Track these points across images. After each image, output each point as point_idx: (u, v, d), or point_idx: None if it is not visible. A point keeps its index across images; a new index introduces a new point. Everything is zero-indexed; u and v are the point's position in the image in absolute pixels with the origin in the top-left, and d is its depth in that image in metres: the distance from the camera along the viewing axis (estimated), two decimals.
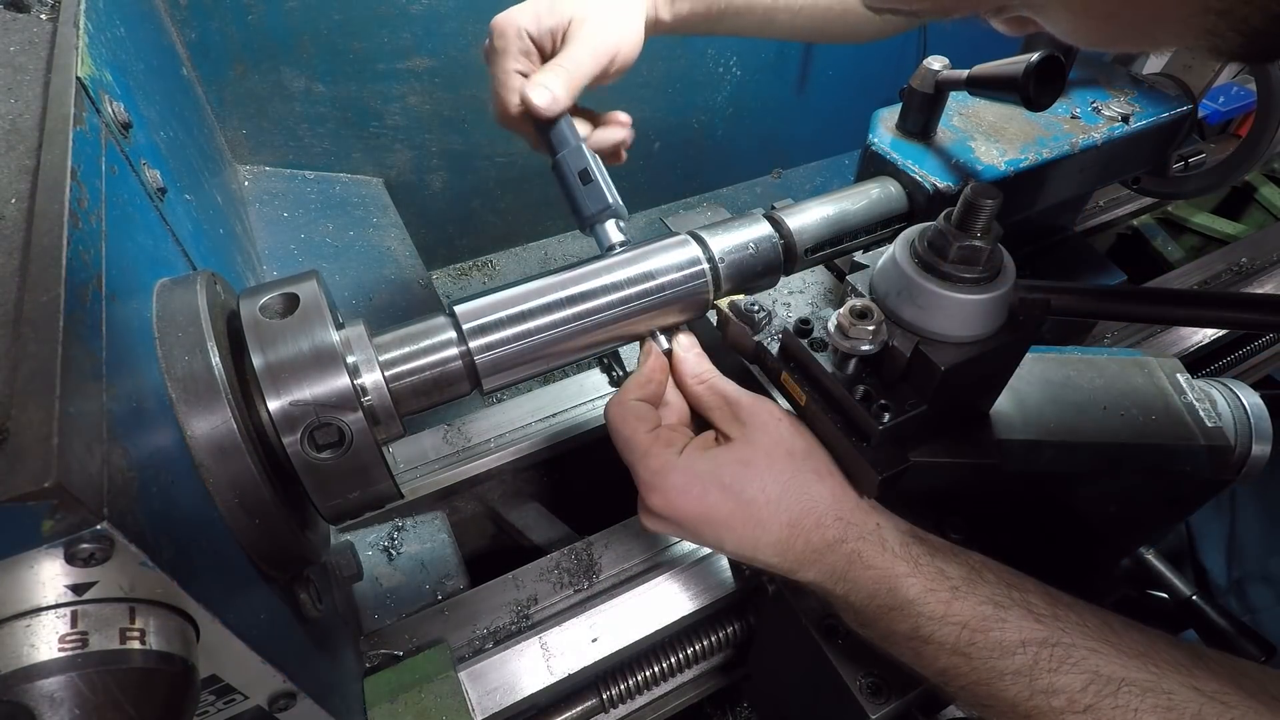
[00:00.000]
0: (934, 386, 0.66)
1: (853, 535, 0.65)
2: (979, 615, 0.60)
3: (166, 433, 0.47)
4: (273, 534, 0.55)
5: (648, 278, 0.70)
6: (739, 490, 0.66)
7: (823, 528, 0.66)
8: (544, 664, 0.85)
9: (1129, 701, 0.53)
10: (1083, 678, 0.55)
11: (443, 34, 1.43)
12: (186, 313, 0.53)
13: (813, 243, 0.78)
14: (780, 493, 0.66)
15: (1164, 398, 0.85)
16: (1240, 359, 1.46)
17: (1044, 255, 1.28)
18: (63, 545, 0.35)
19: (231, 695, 0.54)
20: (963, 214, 0.62)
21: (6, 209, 0.44)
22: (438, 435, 1.08)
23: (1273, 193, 1.91)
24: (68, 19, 0.59)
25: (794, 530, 0.66)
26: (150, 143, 0.70)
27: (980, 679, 0.59)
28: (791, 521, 0.66)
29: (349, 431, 0.55)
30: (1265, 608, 1.16)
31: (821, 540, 0.66)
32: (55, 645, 0.39)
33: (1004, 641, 0.58)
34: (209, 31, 1.26)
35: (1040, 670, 0.56)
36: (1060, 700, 0.55)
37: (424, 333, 0.64)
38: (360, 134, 1.51)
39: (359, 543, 0.99)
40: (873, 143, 0.91)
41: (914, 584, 0.62)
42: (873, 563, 0.64)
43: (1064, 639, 0.57)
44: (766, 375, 0.79)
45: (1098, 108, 0.99)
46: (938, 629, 0.60)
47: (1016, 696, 0.57)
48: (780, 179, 2.06)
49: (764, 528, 0.66)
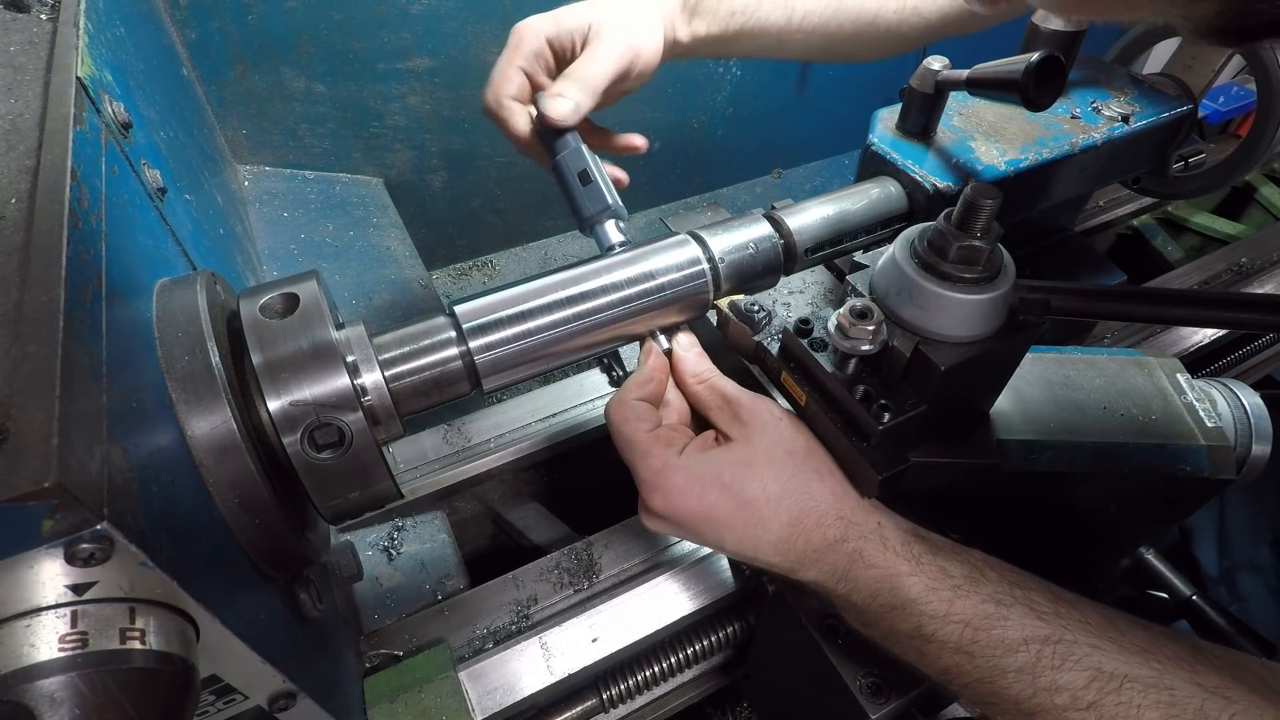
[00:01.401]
0: (934, 386, 0.66)
1: (854, 534, 0.65)
2: (981, 613, 0.60)
3: (166, 432, 0.47)
4: (273, 534, 0.55)
5: (648, 278, 0.70)
6: (739, 490, 0.66)
7: (824, 527, 0.66)
8: (544, 664, 0.85)
9: (1132, 698, 0.53)
10: (1085, 675, 0.55)
11: (443, 34, 1.43)
12: (186, 313, 0.53)
13: (813, 243, 0.78)
14: (781, 492, 0.66)
15: (1164, 398, 0.85)
16: (1240, 359, 1.46)
17: (1044, 255, 1.27)
18: (63, 545, 0.35)
19: (231, 695, 0.54)
20: (963, 214, 0.62)
21: (6, 209, 0.44)
22: (438, 435, 1.08)
23: (1273, 193, 1.91)
24: (68, 19, 0.59)
25: (795, 529, 0.66)
26: (150, 143, 0.70)
27: (983, 677, 0.59)
28: (792, 521, 0.66)
29: (349, 431, 0.55)
30: (1254, 596, 1.18)
31: (823, 539, 0.66)
32: (55, 645, 0.39)
33: (1006, 639, 0.58)
34: (209, 31, 1.26)
35: (1043, 668, 0.56)
36: (1063, 698, 0.55)
37: (424, 333, 0.64)
38: (360, 134, 1.51)
39: (359, 543, 0.99)
40: (873, 143, 0.91)
41: (916, 583, 0.62)
42: (874, 562, 0.64)
43: (1067, 636, 0.57)
44: (766, 375, 0.79)
45: (1098, 108, 0.99)
46: (940, 628, 0.60)
47: (1020, 694, 0.57)
48: (780, 179, 2.06)
49: (765, 527, 0.66)
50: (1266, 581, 1.18)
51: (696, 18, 0.93)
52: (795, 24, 0.97)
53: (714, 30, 0.94)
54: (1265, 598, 1.17)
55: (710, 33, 0.94)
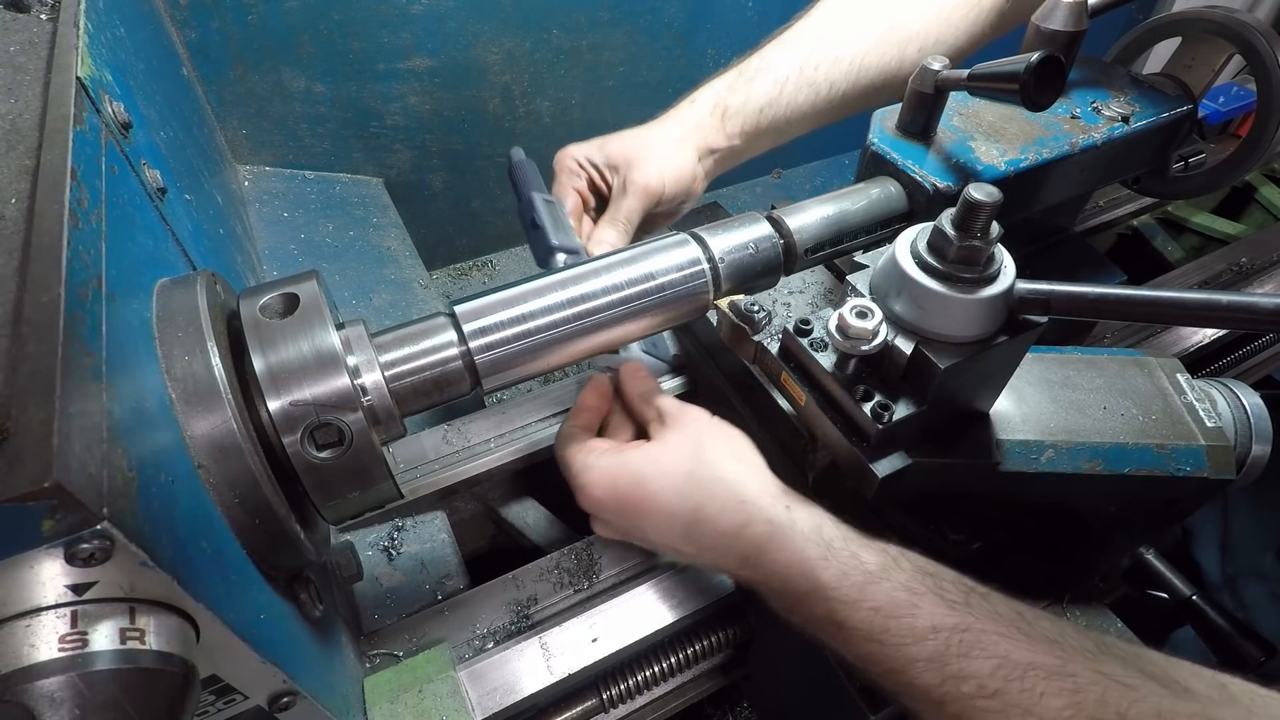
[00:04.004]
0: (934, 386, 0.66)
1: (759, 519, 0.66)
2: (892, 601, 0.60)
3: (166, 433, 0.47)
4: (273, 534, 0.55)
5: (648, 278, 0.70)
6: (645, 479, 0.70)
7: (726, 513, 0.67)
8: (544, 664, 0.85)
9: (1035, 685, 0.53)
10: (991, 663, 0.55)
11: (443, 34, 1.43)
12: (186, 313, 0.53)
13: (813, 243, 0.78)
14: (684, 480, 0.68)
15: (1164, 398, 0.85)
16: (1240, 359, 1.45)
17: (1044, 255, 1.27)
18: (63, 545, 0.35)
19: (231, 695, 0.54)
20: (963, 214, 0.62)
21: (6, 209, 0.44)
22: (438, 435, 1.08)
23: (1273, 193, 1.91)
24: (68, 19, 0.59)
25: (698, 515, 0.67)
26: (150, 143, 0.70)
27: (894, 666, 0.59)
28: (696, 506, 0.67)
29: (349, 431, 0.55)
30: (1259, 604, 1.17)
31: (728, 525, 0.66)
32: (55, 645, 0.39)
33: (916, 627, 0.58)
34: (209, 31, 1.26)
35: (950, 655, 0.56)
36: (970, 686, 0.55)
37: (424, 333, 0.64)
38: (360, 134, 1.51)
39: (359, 543, 0.99)
40: (873, 143, 0.90)
41: (827, 569, 0.62)
42: (783, 546, 0.64)
43: (975, 625, 0.58)
44: (766, 375, 0.79)
45: (1098, 108, 0.99)
46: (851, 613, 0.61)
47: (929, 683, 0.57)
48: (780, 179, 2.06)
49: (673, 515, 0.68)
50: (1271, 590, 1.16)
51: (728, 121, 1.02)
52: (824, 97, 1.03)
53: (748, 128, 1.02)
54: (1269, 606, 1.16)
55: (745, 130, 1.02)
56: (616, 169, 0.99)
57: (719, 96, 1.02)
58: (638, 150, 0.98)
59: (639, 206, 0.97)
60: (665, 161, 0.98)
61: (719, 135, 1.02)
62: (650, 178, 0.97)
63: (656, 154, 0.98)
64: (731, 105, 1.01)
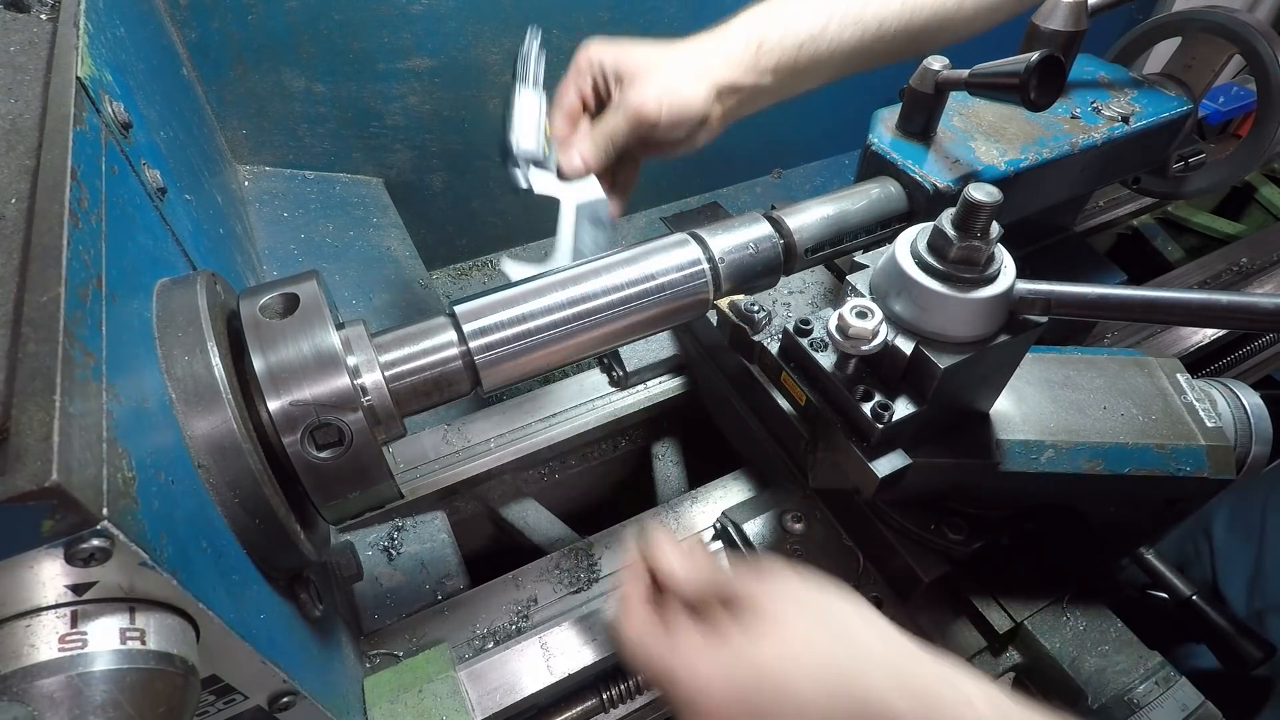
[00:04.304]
0: (934, 386, 0.66)
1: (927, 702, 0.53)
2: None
3: (166, 433, 0.47)
4: (273, 534, 0.55)
5: (648, 278, 0.69)
6: (772, 674, 0.56)
7: (885, 703, 0.53)
8: (544, 664, 0.85)
9: None
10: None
11: (443, 34, 1.43)
12: (186, 313, 0.53)
13: (813, 243, 0.78)
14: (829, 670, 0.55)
15: (1164, 398, 0.85)
16: (1240, 359, 1.46)
17: (1044, 255, 1.27)
18: (63, 545, 0.35)
19: (231, 695, 0.54)
20: (963, 214, 0.62)
21: (6, 209, 0.44)
22: (438, 435, 1.08)
23: (1273, 193, 1.91)
24: (68, 19, 0.59)
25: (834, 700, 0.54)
26: (150, 143, 0.70)
27: None
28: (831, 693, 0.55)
29: (349, 431, 0.55)
30: None
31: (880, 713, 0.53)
32: (55, 645, 0.39)
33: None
34: (209, 31, 1.25)
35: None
36: None
37: (424, 333, 0.64)
38: (360, 134, 1.50)
39: (359, 543, 0.99)
40: (873, 143, 0.91)
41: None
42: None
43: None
44: (766, 375, 0.79)
45: (1098, 108, 0.99)
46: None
47: None
48: (780, 179, 2.06)
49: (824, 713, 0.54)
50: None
51: (763, 55, 0.92)
52: (872, 35, 0.94)
53: (784, 64, 0.93)
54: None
55: (781, 66, 0.93)
56: (621, 81, 0.90)
57: (756, 27, 0.93)
58: (647, 68, 0.89)
59: (626, 129, 0.89)
60: (669, 88, 0.88)
61: (749, 71, 0.92)
62: (647, 101, 0.87)
63: (663, 79, 0.88)
64: (770, 37, 0.92)
